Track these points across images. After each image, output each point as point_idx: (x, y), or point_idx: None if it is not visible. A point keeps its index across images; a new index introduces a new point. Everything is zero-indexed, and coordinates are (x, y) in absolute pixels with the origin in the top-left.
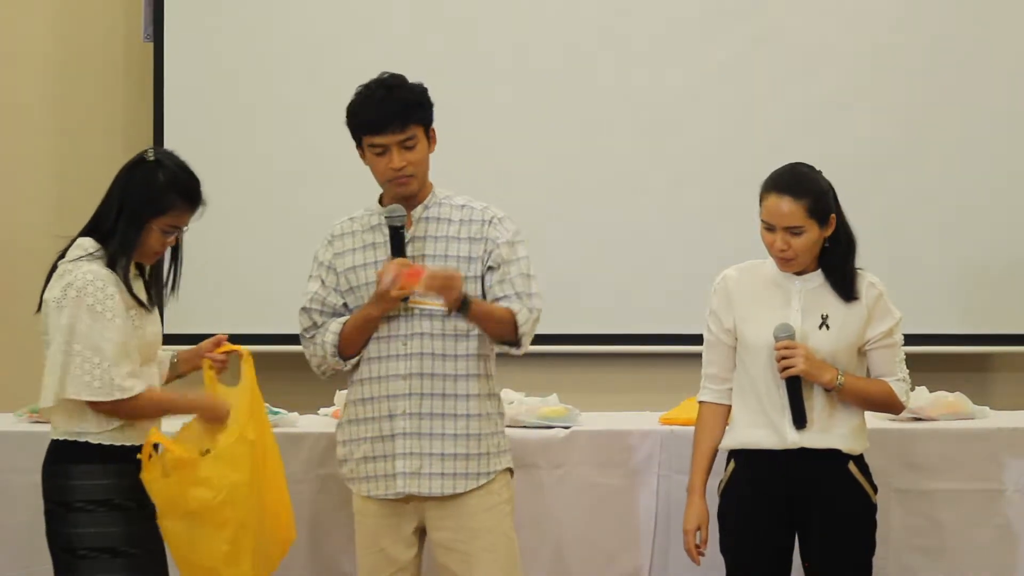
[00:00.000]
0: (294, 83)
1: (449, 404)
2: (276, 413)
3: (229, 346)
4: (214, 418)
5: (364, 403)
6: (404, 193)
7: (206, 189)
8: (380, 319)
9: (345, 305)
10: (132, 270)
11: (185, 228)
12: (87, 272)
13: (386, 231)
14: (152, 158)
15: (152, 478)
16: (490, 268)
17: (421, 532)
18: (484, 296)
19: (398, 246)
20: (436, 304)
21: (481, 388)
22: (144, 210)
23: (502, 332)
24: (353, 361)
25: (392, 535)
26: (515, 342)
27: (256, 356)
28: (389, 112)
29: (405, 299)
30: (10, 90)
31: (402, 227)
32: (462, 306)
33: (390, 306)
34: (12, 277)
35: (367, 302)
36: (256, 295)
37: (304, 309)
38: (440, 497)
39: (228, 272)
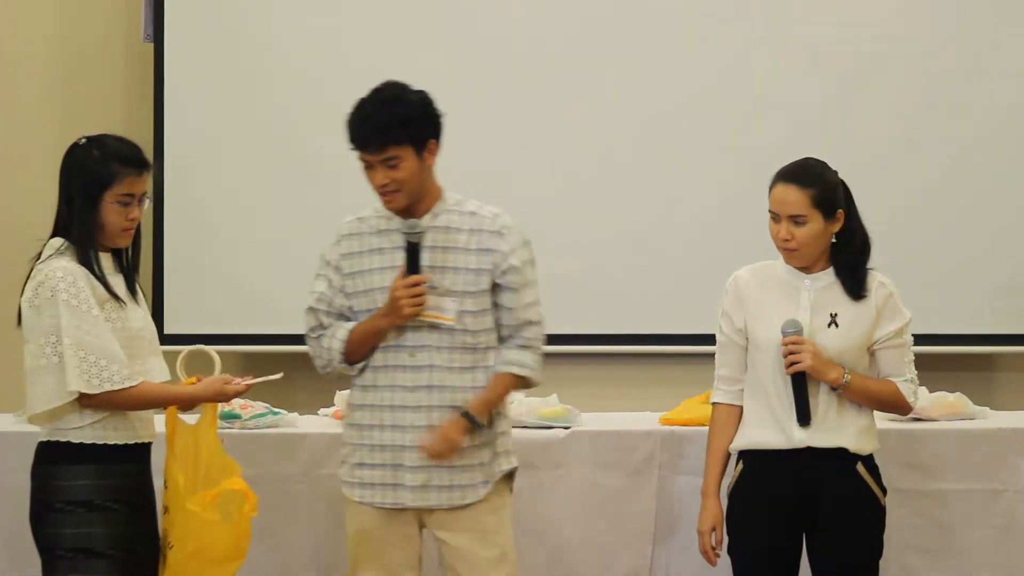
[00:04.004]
0: (294, 83)
1: None
2: (276, 413)
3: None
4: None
5: (365, 409)
6: (391, 208)
7: (206, 188)
8: (388, 330)
9: (351, 308)
10: (111, 265)
11: (147, 199)
12: (56, 269)
13: (395, 237)
14: (83, 141)
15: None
16: (497, 286)
17: (420, 527)
18: (492, 307)
19: (414, 263)
20: (446, 318)
21: None
22: (92, 188)
23: (519, 389)
24: (359, 366)
25: (393, 539)
26: (528, 386)
27: (255, 356)
28: (369, 132)
29: None
30: (10, 90)
31: (419, 243)
32: (472, 420)
33: (401, 322)
34: (12, 277)
35: (377, 313)
36: (255, 295)
37: (311, 309)
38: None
39: (227, 272)
